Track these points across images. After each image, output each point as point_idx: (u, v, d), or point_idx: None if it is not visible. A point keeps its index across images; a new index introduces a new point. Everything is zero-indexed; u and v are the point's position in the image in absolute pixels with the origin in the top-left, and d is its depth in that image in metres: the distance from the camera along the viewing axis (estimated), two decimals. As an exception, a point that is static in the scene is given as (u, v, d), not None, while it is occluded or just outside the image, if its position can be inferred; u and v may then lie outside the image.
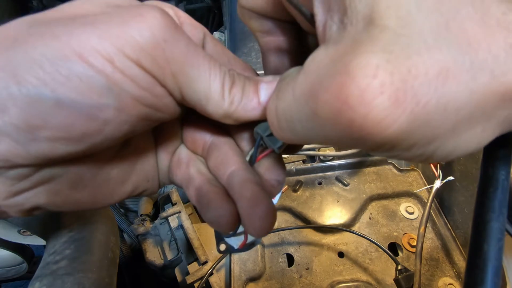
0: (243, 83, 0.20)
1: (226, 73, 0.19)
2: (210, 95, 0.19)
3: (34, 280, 0.47)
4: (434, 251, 0.67)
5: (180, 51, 0.17)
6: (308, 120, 0.14)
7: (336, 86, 0.12)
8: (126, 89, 0.16)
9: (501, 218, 0.18)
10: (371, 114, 0.12)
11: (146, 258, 0.77)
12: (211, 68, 0.18)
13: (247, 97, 0.19)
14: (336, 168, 0.83)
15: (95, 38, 0.15)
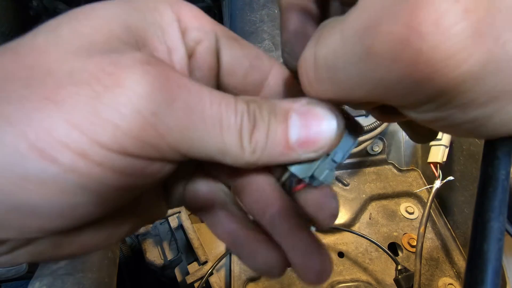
0: (268, 123, 0.15)
1: (244, 114, 0.15)
2: (226, 150, 0.15)
3: (34, 280, 0.47)
4: (434, 251, 0.67)
5: (177, 119, 0.13)
6: (359, 62, 0.12)
7: (407, 11, 0.10)
8: (106, 183, 0.13)
9: (501, 218, 0.18)
10: (445, 45, 0.10)
11: (146, 258, 0.77)
12: (223, 119, 0.14)
13: (273, 141, 0.15)
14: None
15: (62, 126, 0.11)
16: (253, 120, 0.15)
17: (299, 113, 0.16)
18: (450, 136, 0.66)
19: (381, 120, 0.21)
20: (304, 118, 0.16)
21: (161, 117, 0.13)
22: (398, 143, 0.83)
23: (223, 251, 0.70)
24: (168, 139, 0.13)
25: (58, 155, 0.12)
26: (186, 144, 0.14)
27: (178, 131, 0.14)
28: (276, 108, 0.16)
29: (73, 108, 0.12)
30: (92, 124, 0.12)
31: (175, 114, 0.13)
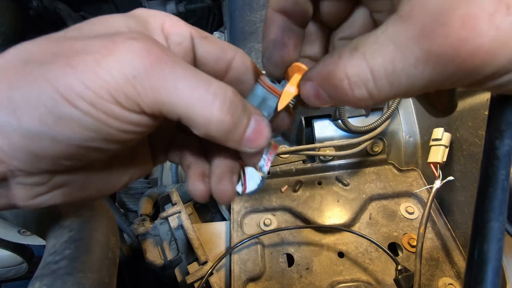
0: (240, 114, 0.20)
1: (221, 95, 0.19)
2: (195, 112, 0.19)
3: (34, 280, 0.47)
4: (434, 251, 0.67)
5: (151, 82, 0.18)
6: (419, 64, 0.15)
7: (461, 16, 0.14)
8: (111, 125, 0.18)
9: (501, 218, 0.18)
10: (499, 37, 0.13)
11: (146, 258, 0.77)
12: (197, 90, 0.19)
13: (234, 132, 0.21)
14: (336, 168, 0.83)
15: (78, 84, 0.17)
16: (230, 111, 0.19)
17: (255, 119, 0.22)
18: (450, 136, 0.66)
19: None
20: (258, 126, 0.22)
21: (139, 79, 0.18)
22: (398, 143, 0.83)
23: (223, 251, 0.70)
24: (143, 97, 0.18)
25: (78, 103, 0.17)
26: (159, 103, 0.18)
27: (151, 92, 0.18)
28: (246, 110, 0.21)
29: (83, 71, 0.17)
30: (95, 83, 0.17)
31: (150, 79, 0.18)
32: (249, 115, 0.21)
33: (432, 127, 0.71)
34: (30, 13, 1.02)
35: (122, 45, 0.18)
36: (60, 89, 0.17)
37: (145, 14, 0.23)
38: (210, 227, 0.75)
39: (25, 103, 0.17)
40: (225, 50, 0.26)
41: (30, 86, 0.17)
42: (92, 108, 0.17)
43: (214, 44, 0.25)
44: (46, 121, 0.17)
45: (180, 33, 0.24)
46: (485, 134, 0.21)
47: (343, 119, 0.76)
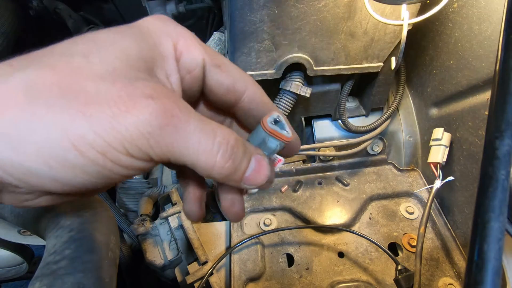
0: (240, 159, 0.22)
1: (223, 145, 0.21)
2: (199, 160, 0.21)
3: (34, 280, 0.47)
4: (434, 251, 0.67)
5: (164, 138, 0.19)
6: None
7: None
8: (115, 171, 0.19)
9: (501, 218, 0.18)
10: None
11: (146, 258, 0.77)
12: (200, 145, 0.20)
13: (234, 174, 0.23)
14: (336, 168, 0.83)
15: (90, 133, 0.17)
16: (230, 155, 0.21)
17: (256, 160, 0.23)
18: (450, 136, 0.66)
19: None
20: (258, 167, 0.24)
21: (154, 135, 0.19)
22: (398, 143, 0.83)
23: (223, 251, 0.70)
24: (155, 149, 0.19)
25: (88, 153, 0.17)
26: (168, 155, 0.20)
27: (164, 145, 0.19)
28: (246, 152, 0.23)
29: (98, 122, 0.17)
30: (109, 135, 0.17)
31: (164, 135, 0.19)
32: (249, 157, 0.23)
33: (432, 127, 0.71)
34: (30, 13, 1.02)
35: (139, 104, 0.18)
36: (70, 137, 0.17)
37: (158, 31, 0.23)
38: (210, 227, 0.75)
39: (30, 144, 0.17)
40: (236, 83, 0.26)
41: (38, 129, 0.17)
42: (101, 156, 0.18)
43: (226, 75, 0.25)
44: (49, 163, 0.17)
45: (192, 59, 0.24)
46: (485, 134, 0.21)
47: (343, 119, 0.76)
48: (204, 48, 0.25)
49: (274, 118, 0.25)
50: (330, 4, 0.54)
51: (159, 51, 0.23)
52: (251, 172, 0.23)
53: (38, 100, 0.17)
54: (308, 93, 0.64)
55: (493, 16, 0.53)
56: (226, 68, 0.26)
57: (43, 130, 0.17)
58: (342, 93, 0.73)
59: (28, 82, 0.17)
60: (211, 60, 0.25)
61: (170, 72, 0.23)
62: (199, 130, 0.20)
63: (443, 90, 0.69)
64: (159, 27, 0.23)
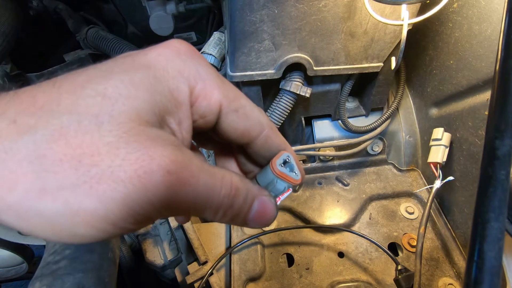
0: (241, 205, 0.23)
1: (225, 199, 0.22)
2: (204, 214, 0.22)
3: (34, 280, 0.47)
4: (434, 251, 0.67)
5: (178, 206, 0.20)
6: None
7: None
8: (123, 232, 0.20)
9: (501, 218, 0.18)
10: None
11: (146, 258, 0.77)
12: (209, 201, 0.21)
13: (237, 218, 0.24)
14: (336, 168, 0.83)
15: (103, 210, 0.17)
16: (231, 203, 0.22)
17: (259, 202, 0.24)
18: (450, 136, 0.66)
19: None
20: (262, 208, 0.24)
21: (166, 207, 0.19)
22: (398, 143, 0.83)
23: (223, 251, 0.70)
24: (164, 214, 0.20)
25: (97, 224, 0.18)
26: (174, 213, 0.21)
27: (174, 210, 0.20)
28: (248, 196, 0.23)
29: (111, 200, 0.17)
30: (122, 211, 0.18)
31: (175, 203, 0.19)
32: (251, 200, 0.24)
33: (432, 127, 0.71)
34: (30, 13, 1.02)
35: (155, 180, 0.18)
36: (81, 214, 0.17)
37: (176, 73, 0.21)
38: (210, 227, 0.75)
39: (39, 217, 0.17)
40: (252, 128, 0.25)
41: (47, 204, 0.16)
42: (110, 226, 0.18)
43: (243, 120, 0.25)
44: (58, 234, 0.18)
45: (208, 105, 0.23)
46: (485, 134, 0.21)
47: (343, 119, 0.76)
48: (223, 90, 0.24)
49: (284, 159, 0.26)
50: (330, 4, 0.54)
51: (173, 98, 0.21)
52: (254, 214, 0.24)
53: (47, 174, 0.16)
54: (308, 93, 0.64)
55: (493, 16, 0.53)
56: (244, 111, 0.25)
57: (52, 206, 0.16)
58: (342, 93, 0.73)
59: (37, 154, 0.16)
60: (229, 105, 0.24)
61: (183, 118, 0.22)
62: (208, 187, 0.21)
63: (443, 90, 0.69)
64: (177, 68, 0.22)
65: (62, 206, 0.17)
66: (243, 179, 0.24)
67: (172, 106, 0.21)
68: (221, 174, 0.22)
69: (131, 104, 0.19)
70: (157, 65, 0.21)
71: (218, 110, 0.24)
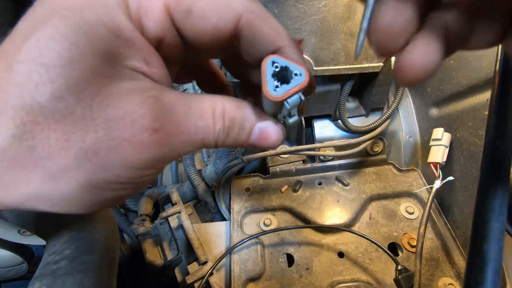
0: (236, 134, 0.22)
1: (221, 131, 0.21)
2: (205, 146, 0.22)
3: (34, 280, 0.47)
4: (434, 251, 0.67)
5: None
6: None
7: None
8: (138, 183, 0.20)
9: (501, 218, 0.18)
10: None
11: (146, 258, 0.77)
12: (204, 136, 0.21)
13: (237, 143, 0.23)
14: (336, 168, 0.83)
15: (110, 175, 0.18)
16: (227, 134, 0.21)
17: (259, 128, 0.22)
18: (450, 136, 0.66)
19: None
20: (262, 134, 0.23)
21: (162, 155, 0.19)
22: (398, 143, 0.83)
23: (223, 251, 0.70)
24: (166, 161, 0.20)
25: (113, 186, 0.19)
26: (177, 157, 0.21)
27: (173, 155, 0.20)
28: (245, 124, 0.22)
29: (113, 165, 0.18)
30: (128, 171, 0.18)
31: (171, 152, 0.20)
32: (249, 128, 0.22)
33: (432, 127, 0.71)
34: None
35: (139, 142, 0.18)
36: (96, 185, 0.18)
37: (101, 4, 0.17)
38: (210, 227, 0.75)
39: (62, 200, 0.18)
40: (220, 23, 0.19)
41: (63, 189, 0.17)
42: (126, 184, 0.19)
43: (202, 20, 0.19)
44: (89, 205, 0.19)
45: (154, 21, 0.19)
46: (485, 134, 0.21)
47: (343, 119, 0.76)
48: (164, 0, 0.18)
49: (273, 71, 0.18)
50: (330, 4, 0.54)
51: (119, 37, 0.17)
52: (255, 140, 0.23)
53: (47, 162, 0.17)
54: (308, 93, 0.64)
55: (493, 16, 0.53)
56: (200, 6, 0.19)
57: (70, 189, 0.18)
58: (342, 93, 0.73)
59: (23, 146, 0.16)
60: (178, 6, 0.19)
61: (147, 54, 0.19)
62: (200, 127, 0.20)
63: (443, 90, 0.69)
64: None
65: (74, 186, 0.17)
66: (238, 104, 0.21)
67: (123, 47, 0.18)
68: (212, 105, 0.20)
69: (80, 65, 0.16)
70: (78, 2, 0.16)
71: (168, 21, 0.19)
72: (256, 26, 0.19)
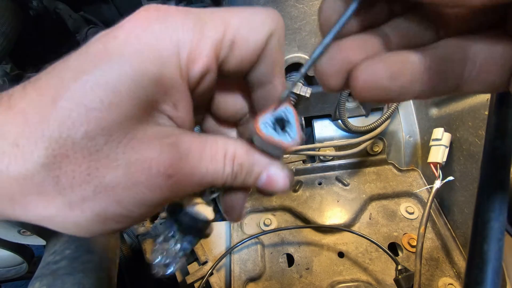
0: (243, 178, 0.23)
1: (229, 174, 0.22)
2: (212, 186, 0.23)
3: (34, 280, 0.47)
4: (434, 251, 0.67)
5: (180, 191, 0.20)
6: None
7: None
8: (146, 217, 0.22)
9: (501, 218, 0.18)
10: None
11: (146, 258, 0.77)
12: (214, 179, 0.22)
13: (244, 186, 0.24)
14: (336, 168, 0.83)
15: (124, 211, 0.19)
16: (234, 177, 0.22)
17: (267, 175, 0.23)
18: (450, 136, 0.66)
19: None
20: (269, 180, 0.24)
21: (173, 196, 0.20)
22: (398, 143, 0.83)
23: (223, 251, 0.70)
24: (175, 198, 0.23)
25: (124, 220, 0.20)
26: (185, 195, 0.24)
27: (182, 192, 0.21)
28: (254, 169, 0.23)
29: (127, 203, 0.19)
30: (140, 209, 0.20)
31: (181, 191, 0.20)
32: (258, 173, 0.23)
33: (432, 127, 0.71)
34: (30, 13, 1.02)
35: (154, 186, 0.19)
36: (109, 217, 0.19)
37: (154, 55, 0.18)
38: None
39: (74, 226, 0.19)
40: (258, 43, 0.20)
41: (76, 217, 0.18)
42: (132, 221, 0.20)
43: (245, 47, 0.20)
44: (97, 232, 0.20)
45: (203, 65, 0.19)
46: (485, 134, 0.21)
47: (343, 119, 0.76)
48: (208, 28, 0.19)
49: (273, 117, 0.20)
50: (330, 4, 0.54)
51: (160, 85, 0.18)
52: (262, 185, 0.24)
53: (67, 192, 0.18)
54: (308, 93, 0.64)
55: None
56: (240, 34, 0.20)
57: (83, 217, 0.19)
58: (342, 93, 0.73)
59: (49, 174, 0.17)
60: (223, 43, 0.20)
61: (178, 99, 0.20)
62: (211, 171, 0.21)
63: (443, 90, 0.69)
64: (153, 46, 0.18)
65: (87, 215, 0.18)
66: (248, 149, 0.23)
67: (161, 94, 0.19)
68: (223, 150, 0.21)
69: (116, 110, 0.17)
70: (130, 48, 0.17)
71: (214, 62, 0.20)
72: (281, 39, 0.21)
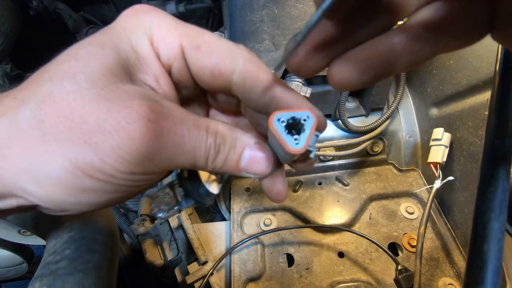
0: (227, 154, 0.23)
1: (211, 146, 0.22)
2: (196, 166, 0.23)
3: (34, 280, 0.47)
4: (434, 251, 0.67)
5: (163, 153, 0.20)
6: None
7: None
8: (127, 189, 0.21)
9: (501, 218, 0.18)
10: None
11: (146, 258, 0.77)
12: (196, 150, 0.21)
13: (228, 165, 0.23)
14: (336, 168, 0.83)
15: (98, 161, 0.19)
16: (217, 150, 0.22)
17: (249, 155, 0.23)
18: (450, 136, 0.66)
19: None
20: (251, 160, 0.23)
21: (156, 155, 0.20)
22: (398, 143, 0.83)
23: (223, 251, 0.70)
24: (159, 165, 0.21)
25: (98, 176, 0.19)
26: (171, 167, 0.22)
27: (165, 160, 0.21)
28: (237, 143, 0.23)
29: (103, 151, 0.19)
30: (116, 161, 0.19)
31: (164, 152, 0.20)
32: (241, 147, 0.23)
33: (432, 127, 0.71)
34: (30, 13, 1.02)
35: (138, 128, 0.19)
36: (81, 166, 0.19)
37: (134, 28, 0.22)
38: (210, 227, 0.75)
39: (49, 178, 0.19)
40: (220, 64, 0.22)
41: (52, 163, 0.18)
42: (111, 178, 0.20)
43: (207, 57, 0.22)
44: (70, 192, 0.19)
45: (167, 50, 0.22)
46: (485, 134, 0.21)
47: (343, 119, 0.76)
48: (181, 30, 0.22)
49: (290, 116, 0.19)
50: (330, 4, 0.54)
51: (136, 53, 0.22)
52: (246, 163, 0.23)
53: (47, 136, 0.18)
54: (308, 93, 0.64)
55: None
56: (208, 46, 0.22)
57: (57, 164, 0.18)
58: (342, 93, 0.73)
59: (35, 118, 0.18)
60: (189, 42, 0.22)
61: (158, 74, 0.22)
62: (193, 136, 0.21)
63: (443, 90, 0.69)
64: (134, 24, 0.22)
65: (62, 162, 0.18)
66: (232, 128, 0.23)
67: (139, 63, 0.22)
68: (206, 124, 0.22)
69: (101, 61, 0.20)
70: (118, 26, 0.22)
71: (180, 50, 0.22)
72: (253, 73, 0.22)
